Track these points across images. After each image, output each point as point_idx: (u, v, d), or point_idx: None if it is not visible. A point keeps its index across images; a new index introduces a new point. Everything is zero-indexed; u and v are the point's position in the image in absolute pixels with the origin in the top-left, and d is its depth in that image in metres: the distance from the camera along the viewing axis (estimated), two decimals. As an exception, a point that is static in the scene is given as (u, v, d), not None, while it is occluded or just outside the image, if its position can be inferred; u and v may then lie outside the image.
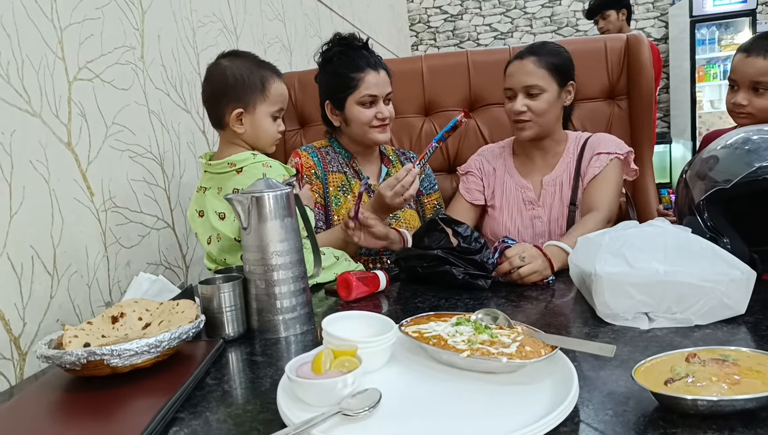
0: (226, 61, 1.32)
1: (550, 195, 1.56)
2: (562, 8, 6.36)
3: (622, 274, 0.94)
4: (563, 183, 1.55)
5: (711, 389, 0.64)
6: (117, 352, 0.79)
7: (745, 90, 1.50)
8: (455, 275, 1.21)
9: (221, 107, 1.30)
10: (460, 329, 0.83)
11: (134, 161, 1.45)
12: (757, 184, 1.05)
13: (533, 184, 1.59)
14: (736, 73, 1.52)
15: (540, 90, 1.46)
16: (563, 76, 1.49)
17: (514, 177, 1.62)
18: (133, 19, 1.49)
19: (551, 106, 1.48)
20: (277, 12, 2.53)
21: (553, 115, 1.51)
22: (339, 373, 0.70)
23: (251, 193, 1.03)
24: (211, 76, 1.32)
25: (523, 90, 1.48)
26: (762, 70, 1.46)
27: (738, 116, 1.54)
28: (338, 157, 1.67)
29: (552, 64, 1.47)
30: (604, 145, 1.53)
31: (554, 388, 0.71)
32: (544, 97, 1.47)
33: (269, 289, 1.03)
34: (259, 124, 1.30)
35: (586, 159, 1.54)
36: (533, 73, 1.46)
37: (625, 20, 3.37)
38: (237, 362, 0.95)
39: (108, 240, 1.33)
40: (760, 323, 0.91)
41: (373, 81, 1.57)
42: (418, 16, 6.64)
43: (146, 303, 1.00)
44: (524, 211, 1.58)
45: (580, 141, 1.58)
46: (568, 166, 1.56)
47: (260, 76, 1.30)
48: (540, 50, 1.51)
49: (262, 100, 1.29)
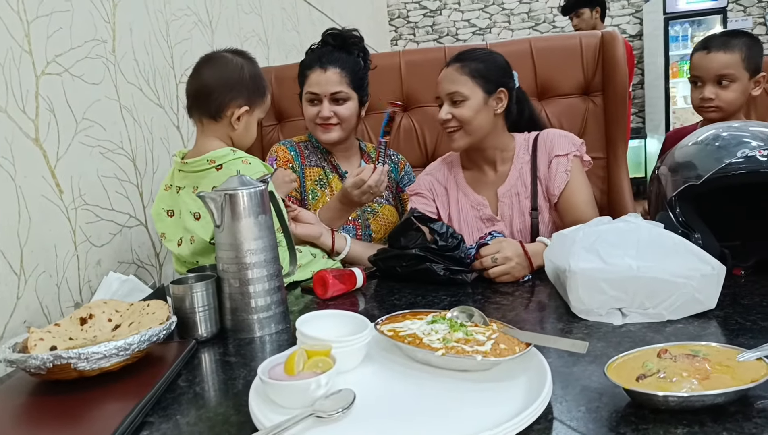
0: (240, 58, 1.31)
1: (508, 207, 1.49)
2: (539, 5, 6.40)
3: (595, 269, 0.94)
4: (519, 193, 1.49)
5: (682, 385, 0.65)
6: (84, 355, 0.77)
7: (710, 84, 1.57)
8: (436, 272, 1.21)
9: (227, 98, 1.27)
10: (436, 327, 0.82)
11: (105, 157, 1.42)
12: (727, 179, 1.07)
13: (488, 198, 1.52)
14: (700, 70, 1.59)
15: (462, 97, 1.41)
16: (490, 83, 1.43)
17: (468, 194, 1.54)
18: (104, 12, 1.45)
19: (476, 114, 1.41)
20: (254, 5, 2.50)
21: (482, 123, 1.43)
22: (312, 374, 0.69)
23: (224, 191, 1.01)
24: (225, 65, 1.29)
25: (447, 97, 1.43)
26: (725, 63, 1.54)
27: (707, 111, 1.60)
28: (316, 152, 1.66)
29: (476, 70, 1.42)
30: (558, 146, 1.46)
31: (528, 386, 0.71)
32: (467, 105, 1.41)
33: (243, 287, 1.01)
34: (251, 126, 1.34)
35: (543, 161, 1.47)
36: (456, 80, 1.42)
37: (599, 18, 3.41)
38: (210, 363, 0.93)
39: (78, 238, 1.30)
40: (729, 317, 0.93)
41: (315, 79, 1.57)
42: (398, 11, 6.63)
43: (116, 304, 0.97)
44: (484, 229, 1.49)
45: (529, 142, 1.51)
46: (521, 172, 1.49)
47: (265, 84, 1.35)
48: (465, 57, 1.46)
49: (260, 105, 1.33)
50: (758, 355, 0.69)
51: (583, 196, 1.45)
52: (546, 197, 1.48)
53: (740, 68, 1.54)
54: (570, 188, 1.44)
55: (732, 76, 1.54)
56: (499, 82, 1.44)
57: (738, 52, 1.54)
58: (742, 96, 1.56)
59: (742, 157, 1.05)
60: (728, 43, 1.55)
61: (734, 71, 1.54)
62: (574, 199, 1.44)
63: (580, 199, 1.44)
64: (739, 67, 1.54)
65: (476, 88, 1.41)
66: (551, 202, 1.47)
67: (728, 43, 1.55)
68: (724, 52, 1.54)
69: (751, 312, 0.94)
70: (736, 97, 1.56)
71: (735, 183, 1.08)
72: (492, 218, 1.51)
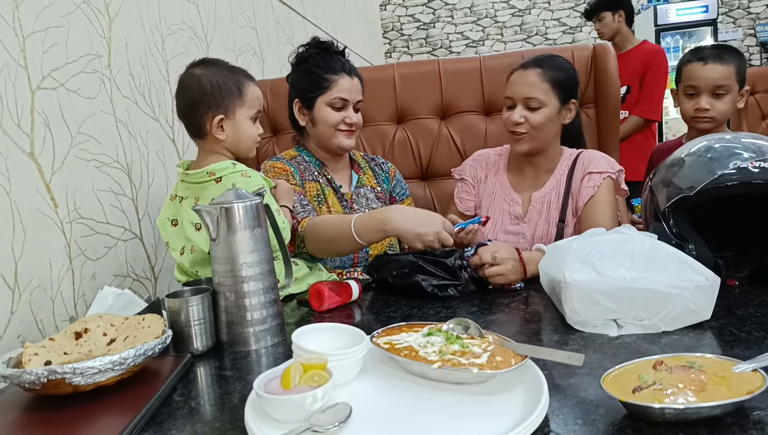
0: (199, 69, 1.30)
1: (537, 212, 1.52)
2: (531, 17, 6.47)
3: (590, 281, 0.95)
4: (551, 202, 1.52)
5: (678, 397, 0.65)
6: (79, 370, 0.77)
7: (706, 95, 1.59)
8: (424, 287, 1.21)
9: (200, 116, 1.28)
10: (432, 340, 0.82)
11: (100, 171, 1.42)
12: (720, 190, 1.07)
13: (522, 199, 1.55)
14: (697, 81, 1.61)
15: (540, 103, 1.43)
16: (566, 93, 1.46)
17: (504, 188, 1.58)
18: (99, 27, 1.46)
19: (549, 122, 1.45)
20: (249, 19, 2.52)
21: (550, 131, 1.48)
22: (308, 388, 0.69)
23: (220, 204, 1.01)
24: (186, 86, 1.30)
25: (522, 101, 1.45)
26: (723, 74, 1.57)
27: (701, 121, 1.62)
28: (310, 167, 1.64)
29: (555, 79, 1.44)
30: (595, 164, 1.49)
31: (525, 398, 0.71)
32: (543, 112, 1.43)
33: (239, 301, 1.01)
34: (240, 128, 1.30)
35: (578, 178, 1.50)
36: (535, 85, 1.43)
37: (623, 21, 3.15)
38: (205, 377, 0.93)
39: (73, 252, 1.29)
40: (724, 328, 0.93)
41: (346, 85, 1.57)
42: (391, 24, 6.68)
43: (111, 318, 0.97)
44: (509, 226, 1.54)
45: (572, 157, 1.54)
46: (558, 183, 1.52)
47: (235, 81, 1.30)
48: (545, 63, 1.47)
49: (240, 104, 1.29)
50: (753, 366, 0.69)
51: (605, 212, 1.44)
52: (574, 212, 1.50)
53: (734, 80, 1.57)
54: (594, 202, 1.45)
55: (727, 87, 1.57)
56: (572, 93, 1.49)
57: (733, 65, 1.57)
58: (732, 108, 1.59)
59: (734, 168, 1.06)
60: (722, 55, 1.58)
61: (729, 83, 1.57)
62: (594, 213, 1.44)
63: (600, 214, 1.43)
64: (733, 79, 1.57)
65: (553, 97, 1.44)
66: (577, 215, 1.49)
67: (722, 56, 1.58)
68: (721, 64, 1.57)
69: (745, 323, 0.94)
70: (729, 109, 1.59)
71: (728, 194, 1.09)
72: (520, 217, 1.54)
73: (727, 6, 6.29)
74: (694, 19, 5.79)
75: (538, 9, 6.47)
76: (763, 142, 1.11)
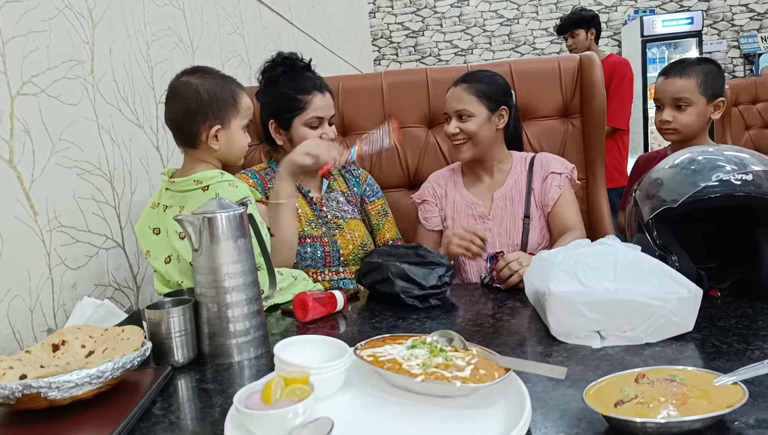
0: (195, 78, 1.29)
1: (501, 209, 1.65)
2: (519, 27, 6.53)
3: (574, 292, 0.95)
4: (514, 198, 1.64)
5: (659, 410, 0.65)
6: (55, 384, 0.75)
7: (668, 108, 1.64)
8: (404, 300, 1.21)
9: (195, 125, 1.27)
10: (416, 352, 0.82)
11: (82, 178, 1.40)
12: (703, 202, 1.08)
13: (483, 200, 1.67)
14: (659, 94, 1.67)
15: (469, 114, 1.59)
16: (493, 102, 1.61)
17: (463, 195, 1.70)
18: (82, 33, 1.44)
19: (481, 128, 1.60)
20: (236, 26, 2.51)
21: (486, 137, 1.61)
22: (290, 402, 0.68)
23: (203, 214, 1.00)
24: (181, 94, 1.29)
25: (455, 114, 1.62)
26: (681, 88, 1.62)
27: (666, 133, 1.68)
28: None
29: (481, 91, 1.60)
30: (555, 165, 1.65)
31: (508, 412, 0.71)
32: (473, 120, 1.59)
33: (221, 312, 1.00)
34: (234, 138, 1.31)
35: (538, 177, 1.64)
36: (463, 99, 1.61)
37: (593, 40, 3.39)
38: (186, 390, 0.91)
39: (53, 261, 1.27)
40: (706, 340, 0.93)
41: (320, 103, 1.60)
42: (381, 32, 6.70)
43: (90, 329, 0.95)
44: (474, 226, 1.63)
45: (527, 160, 1.68)
46: (517, 182, 1.66)
47: (231, 91, 1.30)
48: (471, 78, 1.64)
49: (235, 114, 1.30)
50: (734, 379, 0.69)
51: (572, 208, 1.63)
52: (538, 207, 1.63)
53: (696, 93, 1.61)
54: (561, 201, 1.62)
55: (687, 100, 1.61)
56: (500, 101, 1.63)
57: (694, 78, 1.61)
58: (698, 119, 1.62)
59: (717, 180, 1.07)
60: (685, 69, 1.63)
61: (690, 96, 1.61)
62: (564, 209, 1.61)
63: (570, 211, 1.62)
64: (694, 92, 1.61)
65: (481, 107, 1.60)
66: (544, 211, 1.63)
67: (685, 70, 1.62)
68: (680, 78, 1.62)
69: (727, 334, 0.95)
70: (693, 121, 1.62)
71: (710, 206, 1.10)
72: (484, 216, 1.66)
73: (711, 18, 6.39)
74: (679, 31, 5.88)
75: (526, 19, 6.53)
76: (744, 154, 1.12)
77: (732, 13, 6.40)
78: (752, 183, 1.07)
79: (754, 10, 6.39)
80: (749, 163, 1.08)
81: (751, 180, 1.07)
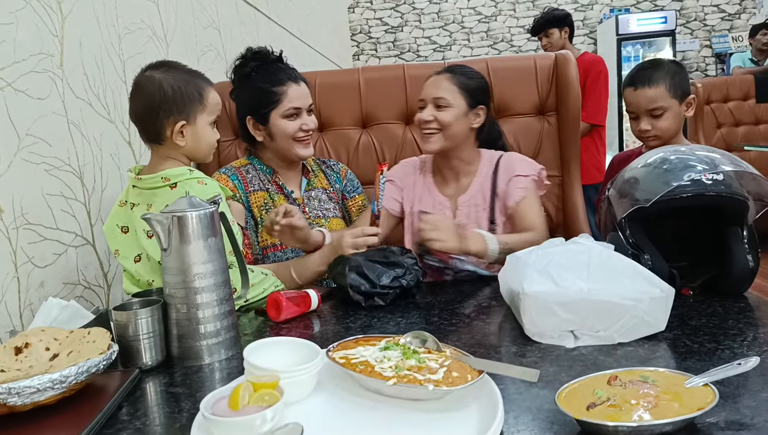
0: (159, 73, 1.26)
1: (465, 216, 1.59)
2: (497, 24, 6.55)
3: (547, 292, 0.95)
4: (478, 204, 1.59)
5: (631, 413, 0.65)
6: (15, 389, 0.72)
7: (644, 118, 1.63)
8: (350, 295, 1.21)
9: (159, 121, 1.24)
10: (388, 354, 0.81)
11: (50, 175, 1.36)
12: (675, 202, 1.09)
13: (450, 204, 1.62)
14: (632, 106, 1.65)
15: (447, 103, 1.53)
16: (473, 98, 1.56)
17: (432, 193, 1.64)
18: (51, 25, 1.40)
19: (457, 121, 1.54)
20: (212, 19, 2.46)
21: (459, 132, 1.55)
22: (258, 408, 0.67)
23: (172, 213, 0.98)
24: (144, 90, 1.25)
25: (432, 100, 1.55)
26: (652, 98, 1.60)
27: (647, 140, 1.67)
28: (259, 175, 1.63)
29: (464, 84, 1.55)
30: (520, 167, 1.58)
31: (480, 415, 0.70)
32: (450, 111, 1.53)
33: (191, 313, 0.98)
34: (201, 134, 1.28)
35: (503, 179, 1.58)
36: (444, 87, 1.55)
37: (567, 38, 3.41)
38: (154, 394, 0.89)
39: (19, 260, 1.23)
40: (678, 340, 0.94)
41: (296, 93, 1.57)
42: (360, 27, 6.67)
43: (54, 331, 0.92)
44: None
45: (493, 160, 1.62)
46: (482, 186, 1.59)
47: (196, 86, 1.27)
48: (456, 70, 1.59)
49: (201, 110, 1.27)
50: (704, 381, 0.70)
51: (534, 210, 1.57)
52: (503, 212, 1.57)
53: (668, 98, 1.60)
54: (526, 203, 1.56)
55: (662, 107, 1.60)
56: (480, 100, 1.58)
57: (662, 84, 1.59)
58: (675, 121, 1.62)
59: (689, 180, 1.08)
60: (652, 78, 1.60)
61: (663, 103, 1.59)
62: (526, 209, 1.56)
63: (532, 213, 1.56)
64: (666, 97, 1.60)
65: (461, 99, 1.54)
66: (506, 214, 1.57)
67: (652, 78, 1.60)
68: (649, 87, 1.60)
69: (698, 333, 0.96)
70: (671, 124, 1.62)
71: (682, 205, 1.11)
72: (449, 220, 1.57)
73: (684, 17, 6.49)
74: (653, 30, 5.98)
75: (503, 16, 6.56)
76: (715, 154, 1.13)
77: (704, 14, 6.52)
78: (723, 183, 1.08)
79: (725, 10, 6.51)
80: (720, 163, 1.10)
81: (722, 180, 1.08)
